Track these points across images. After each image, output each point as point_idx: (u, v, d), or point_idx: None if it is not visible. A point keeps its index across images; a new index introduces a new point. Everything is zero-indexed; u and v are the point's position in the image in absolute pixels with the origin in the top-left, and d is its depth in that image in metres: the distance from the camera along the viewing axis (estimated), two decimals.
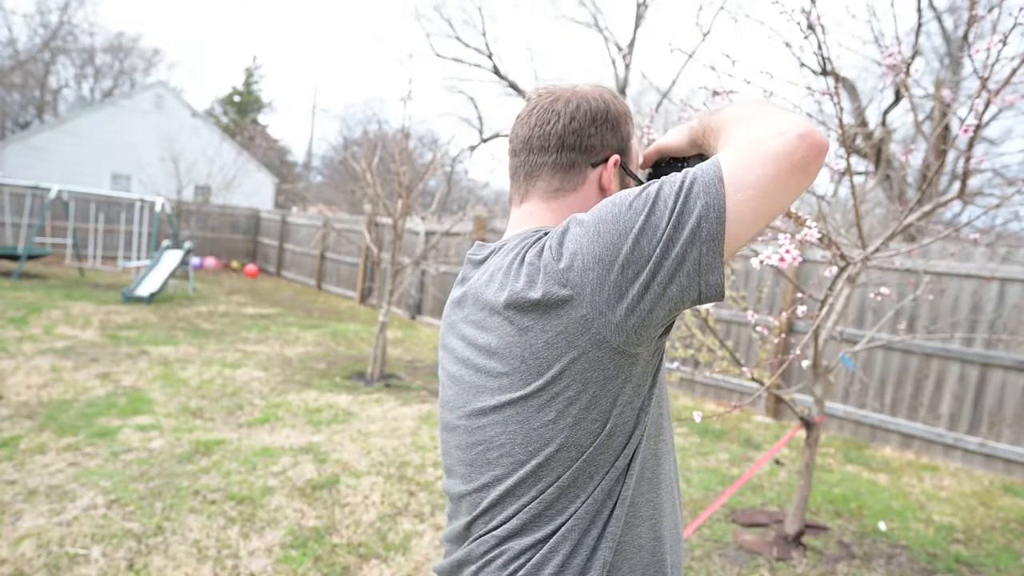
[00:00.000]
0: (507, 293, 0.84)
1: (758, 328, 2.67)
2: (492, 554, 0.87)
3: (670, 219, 0.76)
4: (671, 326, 0.86)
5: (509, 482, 0.86)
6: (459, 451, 0.93)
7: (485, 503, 0.88)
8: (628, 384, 0.83)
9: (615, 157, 0.96)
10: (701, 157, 0.97)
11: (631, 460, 0.86)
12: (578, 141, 0.94)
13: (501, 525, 0.86)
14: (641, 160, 1.05)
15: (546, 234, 0.87)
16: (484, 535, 0.88)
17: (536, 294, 0.81)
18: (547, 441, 0.83)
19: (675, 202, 0.77)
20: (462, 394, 0.92)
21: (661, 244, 0.76)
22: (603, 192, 0.96)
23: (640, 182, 0.99)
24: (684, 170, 0.81)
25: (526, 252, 0.86)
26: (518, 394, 0.84)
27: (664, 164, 1.03)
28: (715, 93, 2.20)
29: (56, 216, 12.71)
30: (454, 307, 1.00)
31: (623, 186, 0.99)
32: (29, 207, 12.70)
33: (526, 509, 0.85)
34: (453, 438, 0.95)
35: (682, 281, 0.77)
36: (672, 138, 1.01)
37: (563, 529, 0.83)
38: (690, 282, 0.77)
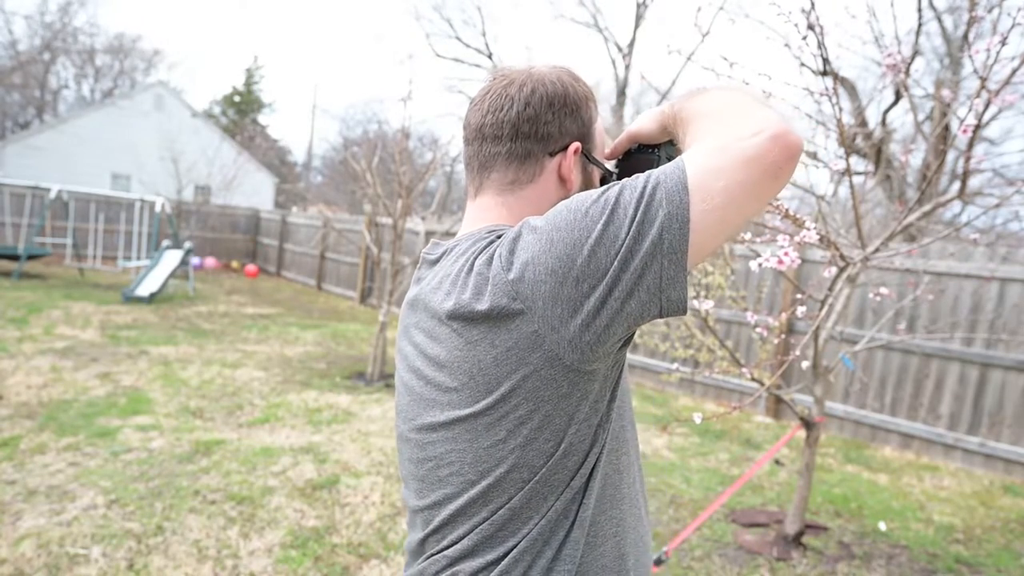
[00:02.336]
0: (452, 303, 0.78)
1: (758, 329, 2.68)
2: (443, 575, 0.84)
3: (630, 229, 0.70)
4: (631, 338, 0.80)
5: (459, 502, 0.82)
6: (411, 464, 0.89)
7: (436, 521, 0.84)
8: (584, 402, 0.78)
9: (575, 145, 0.88)
10: (673, 143, 0.91)
11: (589, 479, 0.81)
12: (534, 129, 0.86)
13: (452, 545, 0.83)
14: (609, 149, 0.97)
15: (499, 237, 0.80)
16: (436, 554, 0.85)
17: (483, 306, 0.75)
18: (497, 462, 0.78)
19: (635, 210, 0.70)
20: (413, 405, 0.87)
21: (620, 256, 0.70)
22: (563, 183, 0.89)
23: (606, 170, 0.94)
24: (646, 172, 0.74)
25: (475, 259, 0.79)
26: (467, 411, 0.79)
27: (634, 151, 0.95)
28: None
29: (56, 216, 12.72)
30: (408, 309, 0.93)
31: (585, 175, 0.92)
32: (29, 207, 12.70)
33: (477, 530, 0.81)
34: (406, 450, 0.90)
35: (642, 296, 0.71)
36: (642, 123, 0.93)
37: (515, 551, 0.79)
38: (650, 297, 0.71)
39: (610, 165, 0.97)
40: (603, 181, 0.95)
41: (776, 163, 0.69)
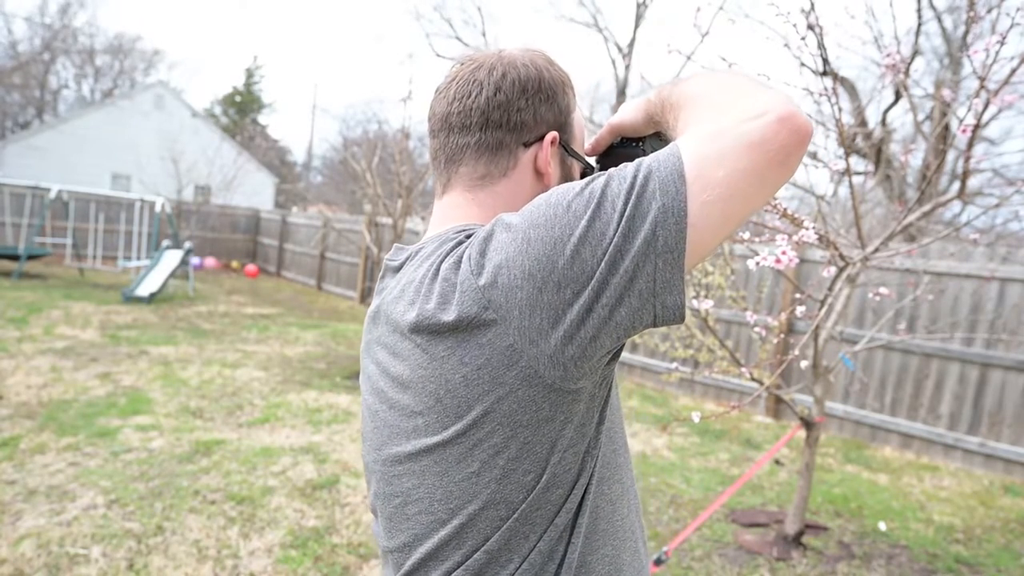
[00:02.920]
0: (415, 313, 0.69)
1: (757, 328, 2.68)
2: None
3: (619, 225, 0.61)
4: (620, 351, 0.71)
5: (429, 544, 0.72)
6: (378, 500, 0.80)
7: (407, 566, 0.75)
8: (569, 426, 0.68)
9: (552, 134, 0.80)
10: (659, 136, 0.84)
11: (576, 514, 0.72)
12: (505, 117, 0.77)
13: None
14: (589, 144, 0.90)
15: (469, 237, 0.72)
16: None
17: (450, 316, 0.66)
18: (470, 497, 0.69)
19: (625, 204, 0.62)
20: (378, 433, 0.78)
21: (607, 257, 0.61)
22: (540, 177, 0.81)
23: (586, 164, 0.87)
24: (637, 160, 0.66)
25: (442, 263, 0.70)
26: (435, 440, 0.69)
27: (616, 146, 0.88)
28: None
29: (56, 216, 12.71)
30: (370, 324, 0.83)
31: (564, 169, 0.84)
32: (29, 207, 12.71)
33: None
34: (372, 482, 0.81)
35: (633, 303, 0.62)
36: (626, 114, 0.85)
37: None
38: (643, 304, 0.62)
39: (592, 160, 0.91)
40: (583, 176, 0.85)
41: (785, 148, 0.62)
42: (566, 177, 0.85)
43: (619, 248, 0.61)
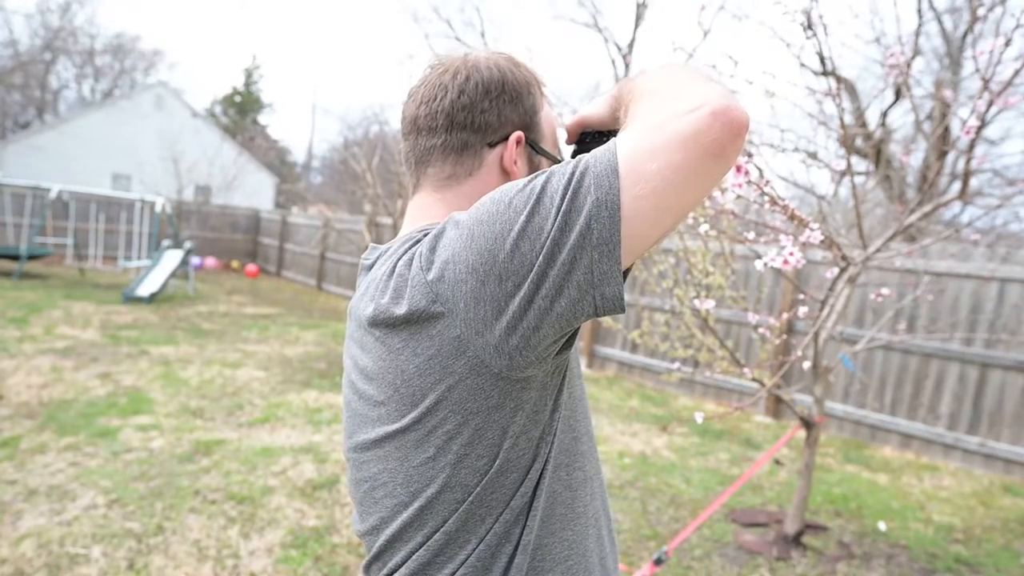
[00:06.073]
0: (372, 308, 0.73)
1: (760, 329, 2.68)
2: None
3: (556, 219, 0.63)
4: (572, 340, 0.74)
5: (394, 526, 0.77)
6: (351, 486, 0.85)
7: (376, 547, 0.81)
8: (520, 413, 0.72)
9: (517, 134, 0.82)
10: None
11: (532, 498, 0.75)
12: (469, 118, 0.81)
13: (392, 573, 0.79)
14: (563, 135, 0.92)
15: (427, 235, 0.75)
16: None
17: (401, 310, 0.69)
18: (428, 481, 0.73)
19: (562, 199, 0.64)
20: (350, 422, 0.83)
21: (545, 250, 0.63)
22: (507, 176, 0.83)
23: (556, 161, 0.87)
24: (577, 157, 0.68)
25: (398, 260, 0.74)
26: (394, 427, 0.74)
27: (589, 139, 0.89)
28: None
29: (57, 216, 12.71)
30: (348, 320, 0.88)
31: (532, 167, 0.86)
32: (30, 207, 12.70)
33: (414, 557, 0.76)
34: (348, 470, 0.85)
35: (572, 294, 0.64)
36: (594, 109, 0.87)
37: None
38: (582, 295, 0.64)
39: (567, 155, 0.92)
40: None
41: (718, 141, 0.62)
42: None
43: (556, 241, 0.63)
